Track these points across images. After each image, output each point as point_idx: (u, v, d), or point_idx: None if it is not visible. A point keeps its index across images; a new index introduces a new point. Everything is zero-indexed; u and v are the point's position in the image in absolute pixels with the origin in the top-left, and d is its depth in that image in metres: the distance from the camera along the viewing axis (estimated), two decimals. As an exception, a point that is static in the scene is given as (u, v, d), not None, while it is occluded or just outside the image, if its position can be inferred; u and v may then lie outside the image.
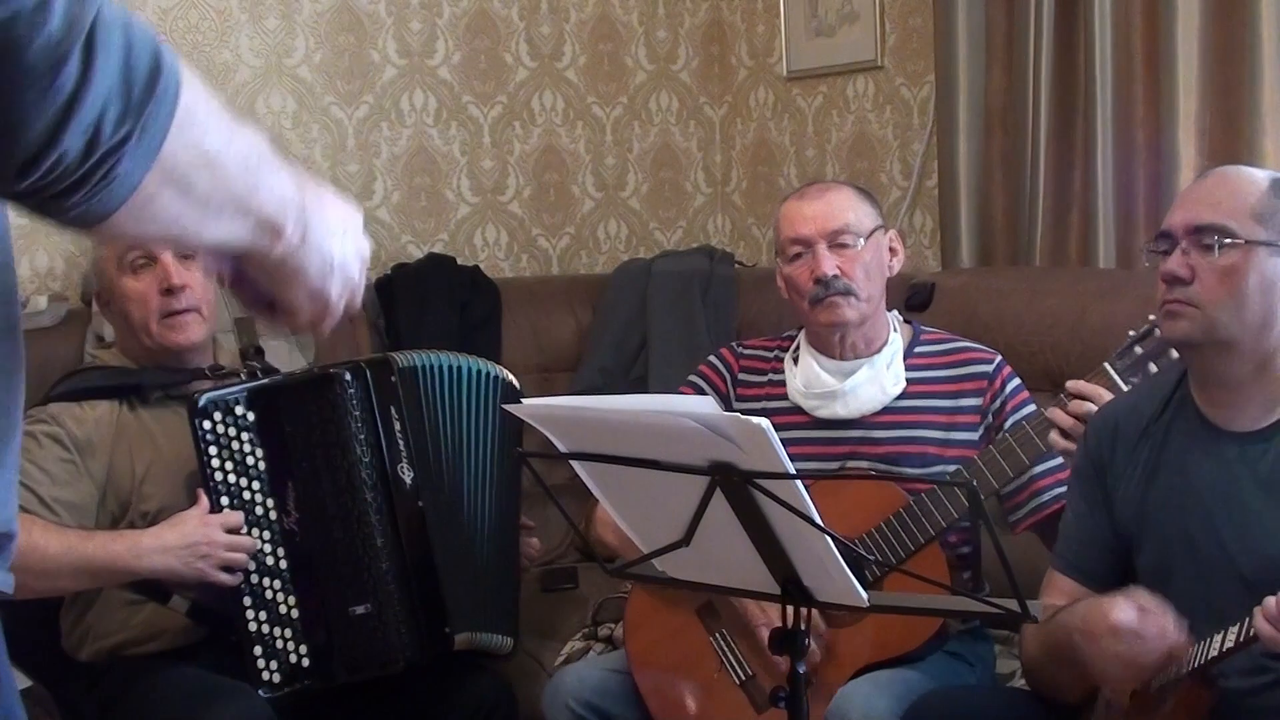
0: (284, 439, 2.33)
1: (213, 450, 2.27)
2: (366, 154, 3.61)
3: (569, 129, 3.92)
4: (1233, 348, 1.84)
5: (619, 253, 3.99)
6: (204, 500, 2.25)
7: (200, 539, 2.20)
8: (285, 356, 3.01)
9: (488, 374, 2.53)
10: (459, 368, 2.49)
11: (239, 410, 2.30)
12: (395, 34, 3.63)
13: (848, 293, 2.35)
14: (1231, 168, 1.95)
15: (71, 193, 0.85)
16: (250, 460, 2.31)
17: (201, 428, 2.26)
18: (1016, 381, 2.41)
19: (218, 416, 2.28)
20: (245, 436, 2.30)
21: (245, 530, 2.28)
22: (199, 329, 2.40)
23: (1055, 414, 2.12)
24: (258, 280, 1.08)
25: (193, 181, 0.92)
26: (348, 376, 2.34)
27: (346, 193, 4.04)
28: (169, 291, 2.35)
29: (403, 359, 2.44)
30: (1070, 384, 2.15)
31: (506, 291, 3.53)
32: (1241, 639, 1.66)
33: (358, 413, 2.34)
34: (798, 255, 2.39)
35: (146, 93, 0.87)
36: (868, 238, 2.38)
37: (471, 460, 2.49)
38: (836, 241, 2.36)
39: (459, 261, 3.58)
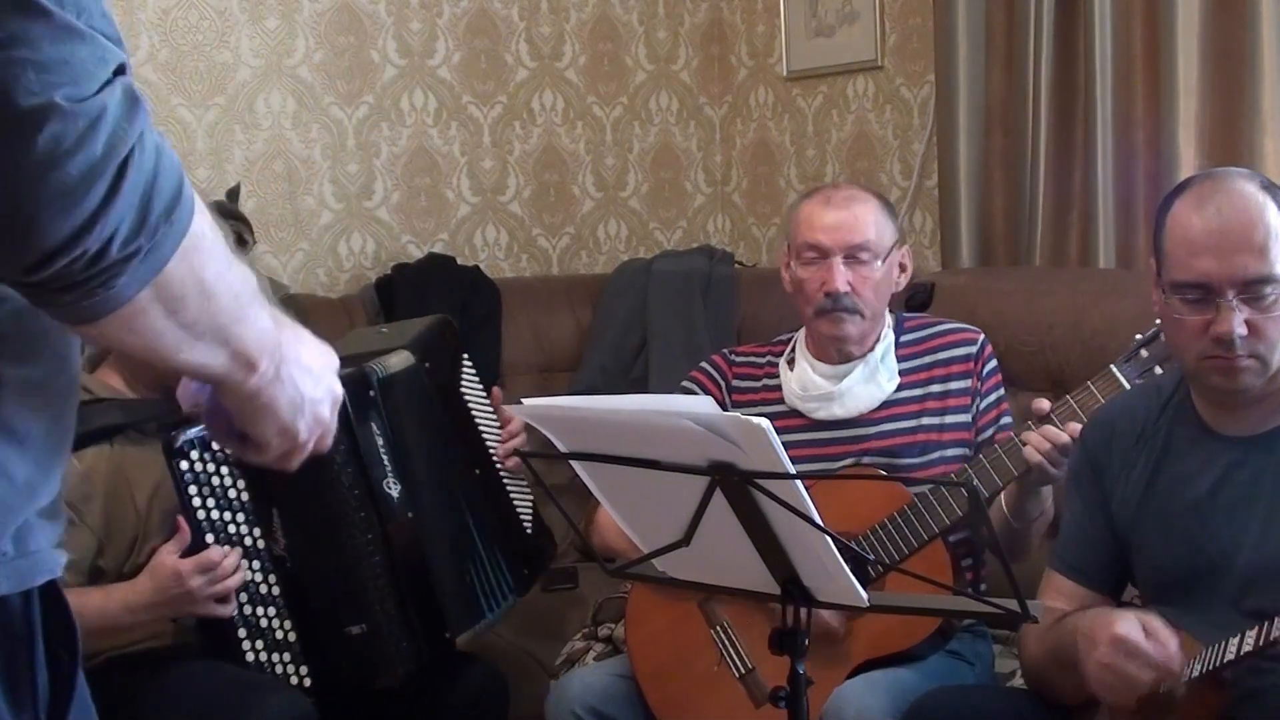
0: (264, 468, 2.29)
1: (192, 490, 2.22)
2: (366, 154, 3.61)
3: (569, 129, 3.91)
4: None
5: (619, 253, 3.99)
6: (182, 534, 2.21)
7: (177, 593, 2.18)
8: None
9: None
10: (424, 367, 2.44)
11: (216, 445, 2.23)
12: (395, 34, 3.63)
13: (854, 310, 2.35)
14: (1232, 191, 1.79)
15: (67, 292, 0.90)
16: (232, 493, 2.26)
17: (179, 469, 2.21)
18: (993, 364, 2.44)
19: (194, 455, 2.23)
20: (224, 470, 2.25)
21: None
22: None
23: (1048, 431, 2.10)
24: (230, 413, 1.11)
25: (183, 305, 0.96)
26: None
27: (346, 192, 4.00)
28: None
29: (380, 370, 2.37)
30: (1043, 406, 2.13)
31: (506, 291, 3.53)
32: (1261, 643, 1.64)
33: (337, 433, 2.29)
34: (811, 260, 2.39)
35: (162, 218, 0.91)
36: (885, 258, 2.38)
37: (450, 443, 2.45)
38: (854, 256, 2.36)
39: (459, 261, 3.58)
